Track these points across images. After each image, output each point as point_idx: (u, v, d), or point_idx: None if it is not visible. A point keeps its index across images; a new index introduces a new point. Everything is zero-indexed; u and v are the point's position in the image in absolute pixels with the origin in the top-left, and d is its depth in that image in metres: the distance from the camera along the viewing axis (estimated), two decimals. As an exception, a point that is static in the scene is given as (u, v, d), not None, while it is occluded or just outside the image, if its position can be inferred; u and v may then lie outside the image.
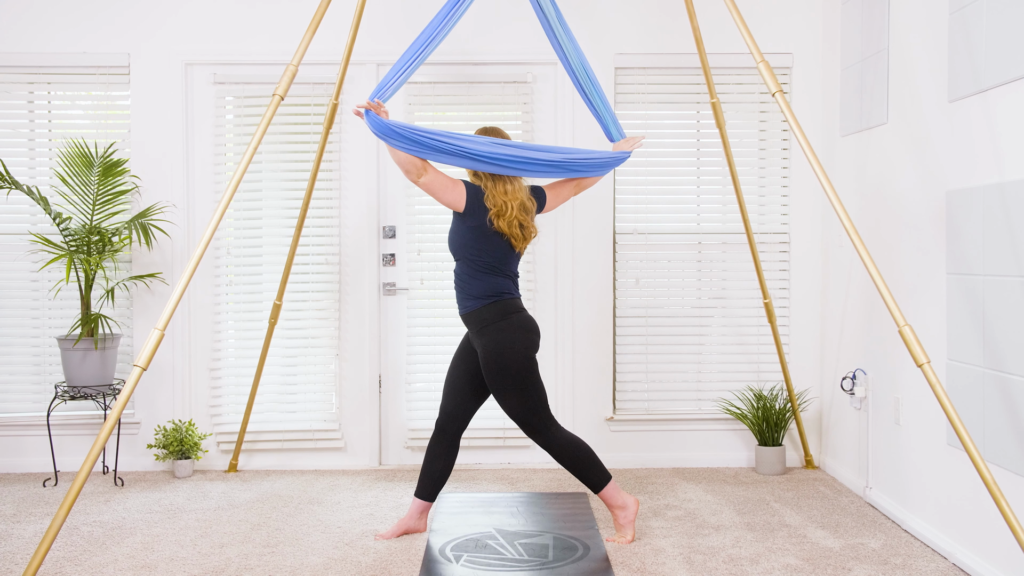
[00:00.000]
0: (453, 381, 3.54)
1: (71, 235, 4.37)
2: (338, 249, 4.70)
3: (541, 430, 3.40)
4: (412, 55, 3.40)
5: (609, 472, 3.48)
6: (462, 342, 3.57)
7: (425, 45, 3.42)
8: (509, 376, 3.33)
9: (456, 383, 3.53)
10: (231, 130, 4.70)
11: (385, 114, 3.30)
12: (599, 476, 3.44)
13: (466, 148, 3.28)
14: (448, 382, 3.55)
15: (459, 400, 3.51)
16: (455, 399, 3.51)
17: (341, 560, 3.30)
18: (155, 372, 4.61)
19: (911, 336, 2.92)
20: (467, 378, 3.51)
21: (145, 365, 3.04)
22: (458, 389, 3.52)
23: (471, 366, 3.50)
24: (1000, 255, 3.01)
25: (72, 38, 4.61)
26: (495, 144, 3.33)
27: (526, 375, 3.35)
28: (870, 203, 4.05)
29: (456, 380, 3.53)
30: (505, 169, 3.34)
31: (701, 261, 4.76)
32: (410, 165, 3.28)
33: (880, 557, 3.33)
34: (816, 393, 4.72)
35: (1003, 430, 2.99)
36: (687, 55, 4.61)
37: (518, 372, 3.33)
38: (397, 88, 3.41)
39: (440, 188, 3.33)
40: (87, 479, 3.15)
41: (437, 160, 3.31)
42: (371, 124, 3.25)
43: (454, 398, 3.52)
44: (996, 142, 3.05)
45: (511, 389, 3.35)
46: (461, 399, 3.51)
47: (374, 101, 3.28)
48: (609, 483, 3.45)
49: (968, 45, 3.21)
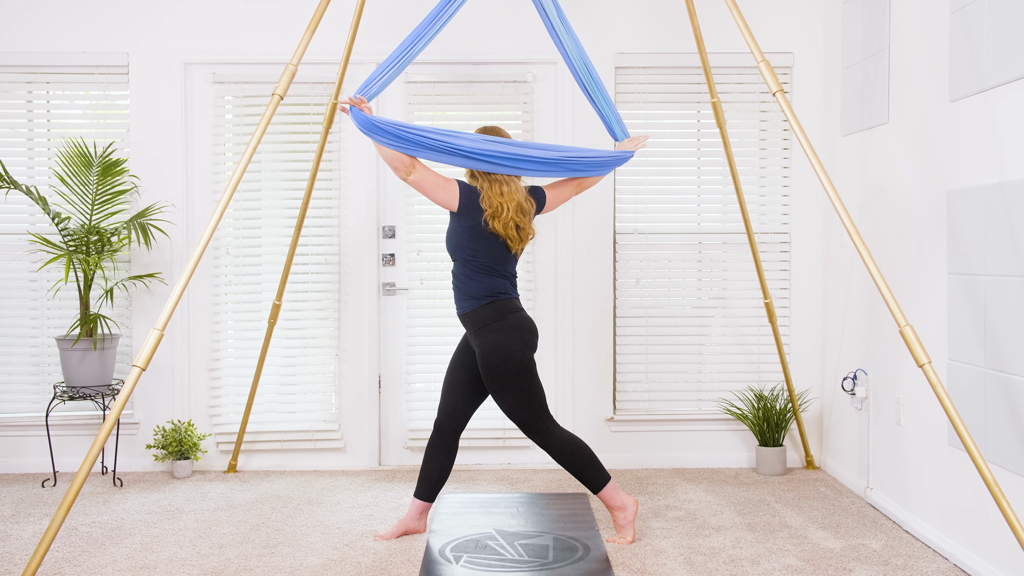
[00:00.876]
0: (452, 381, 3.53)
1: (70, 235, 4.36)
2: (338, 249, 4.69)
3: (540, 430, 3.39)
4: (399, 53, 3.40)
5: (608, 473, 3.47)
6: (461, 342, 3.56)
7: (413, 44, 3.41)
8: (507, 376, 3.32)
9: (455, 383, 3.52)
10: (230, 130, 4.69)
11: (368, 110, 3.27)
12: (598, 476, 3.43)
13: (455, 144, 3.25)
14: (447, 382, 3.54)
15: (458, 400, 3.50)
16: (454, 399, 3.50)
17: (340, 561, 3.29)
18: (154, 372, 4.60)
19: (912, 336, 2.91)
20: (466, 378, 3.50)
21: (144, 365, 3.03)
22: (457, 389, 3.51)
23: (470, 366, 3.49)
24: (1001, 255, 3.00)
25: (71, 37, 4.60)
26: (487, 141, 3.29)
27: (524, 375, 3.33)
28: (871, 203, 4.04)
29: (455, 380, 3.52)
30: (497, 167, 3.30)
31: (702, 261, 4.75)
32: (397, 162, 3.28)
33: (881, 558, 3.32)
34: (817, 393, 4.71)
35: (1004, 430, 2.98)
36: (687, 54, 4.60)
37: (516, 372, 3.32)
38: (384, 86, 3.40)
39: (431, 186, 3.31)
40: (86, 479, 3.13)
41: (426, 157, 3.28)
42: (356, 120, 3.26)
43: (453, 398, 3.51)
44: (997, 142, 3.04)
45: (509, 389, 3.34)
46: (460, 399, 3.50)
47: (357, 97, 3.27)
48: (608, 483, 3.44)
49: (969, 44, 3.20)
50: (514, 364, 3.31)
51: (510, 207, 3.33)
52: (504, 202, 3.33)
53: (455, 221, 3.39)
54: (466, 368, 3.50)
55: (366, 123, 3.23)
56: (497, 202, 3.33)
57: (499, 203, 3.33)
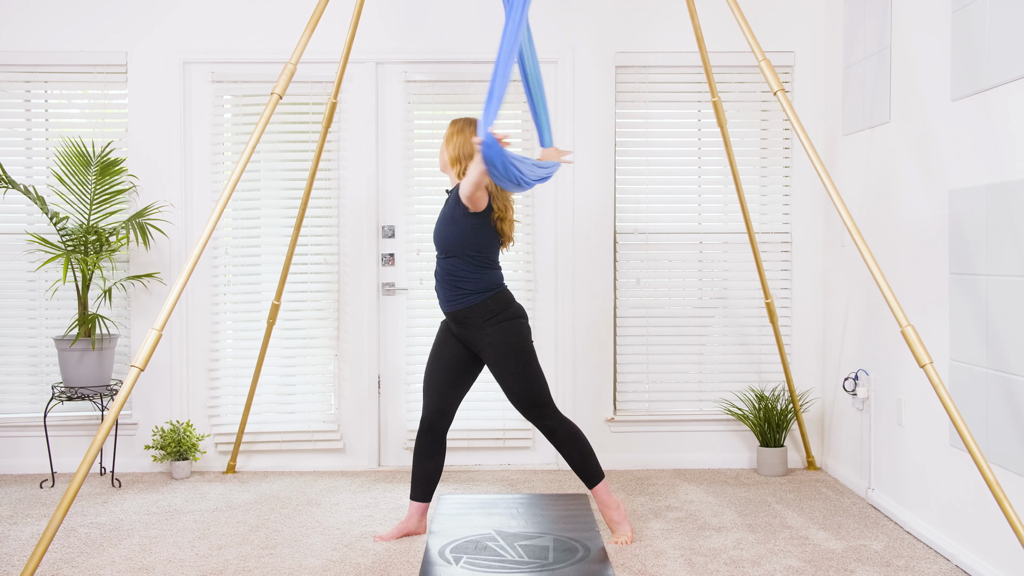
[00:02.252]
0: (438, 378, 3.53)
1: (68, 235, 4.35)
2: (337, 249, 4.68)
3: (549, 412, 3.46)
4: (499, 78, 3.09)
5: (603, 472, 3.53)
6: (438, 339, 3.57)
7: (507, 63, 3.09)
8: (525, 357, 3.42)
9: (438, 379, 3.53)
10: (229, 129, 4.68)
11: (507, 144, 3.00)
12: (596, 471, 3.49)
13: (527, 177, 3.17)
14: (433, 381, 3.54)
15: (444, 395, 3.52)
16: (441, 395, 3.52)
17: (340, 562, 3.28)
18: (153, 373, 4.59)
19: (914, 336, 2.90)
20: (449, 372, 3.52)
21: (143, 365, 3.01)
22: (446, 385, 3.52)
23: (454, 360, 3.51)
24: (1003, 255, 2.99)
25: (69, 36, 4.58)
26: (539, 167, 3.29)
27: (533, 356, 3.46)
28: (872, 202, 4.03)
29: (438, 376, 3.53)
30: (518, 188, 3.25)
31: (702, 261, 4.74)
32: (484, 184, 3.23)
33: (882, 559, 3.31)
34: (818, 394, 4.69)
35: (1006, 431, 2.97)
36: (688, 53, 4.59)
37: (531, 352, 3.45)
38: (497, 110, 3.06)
39: (481, 198, 3.33)
40: (84, 480, 3.13)
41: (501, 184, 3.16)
42: (490, 153, 2.94)
43: (439, 395, 3.52)
44: (999, 141, 3.03)
45: (527, 370, 3.42)
46: (450, 395, 3.53)
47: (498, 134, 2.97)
48: (602, 481, 3.50)
49: (971, 43, 3.19)
50: (527, 347, 3.44)
51: (512, 209, 3.50)
52: (509, 204, 3.49)
53: (467, 219, 3.38)
54: (448, 363, 3.52)
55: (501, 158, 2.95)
56: (503, 204, 3.45)
57: (504, 205, 3.46)
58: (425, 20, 4.62)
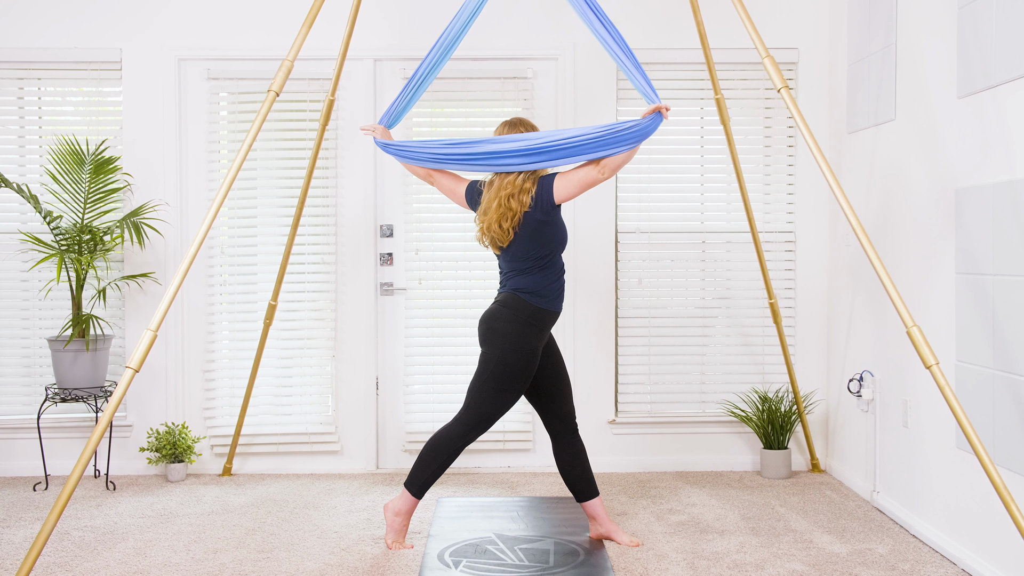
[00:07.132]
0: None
1: (62, 234, 4.30)
2: (334, 248, 4.63)
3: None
4: (416, 79, 3.57)
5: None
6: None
7: (429, 69, 3.57)
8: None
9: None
10: (225, 127, 4.63)
11: (388, 136, 3.61)
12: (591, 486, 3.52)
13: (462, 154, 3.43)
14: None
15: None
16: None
17: (337, 566, 3.24)
18: (148, 374, 4.55)
19: (919, 337, 2.86)
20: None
21: (137, 367, 2.98)
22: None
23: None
24: (1010, 254, 2.95)
25: (62, 32, 4.53)
26: (494, 142, 3.35)
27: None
28: (877, 201, 3.99)
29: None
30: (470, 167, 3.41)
31: (705, 261, 4.69)
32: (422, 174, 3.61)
33: (888, 563, 3.27)
34: (822, 395, 4.65)
35: (1013, 433, 2.94)
36: (691, 50, 4.54)
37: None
38: (403, 112, 3.65)
39: (452, 189, 3.58)
40: (78, 483, 3.09)
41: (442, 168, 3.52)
42: (378, 144, 3.63)
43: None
44: (1006, 139, 3.00)
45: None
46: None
47: (379, 124, 3.63)
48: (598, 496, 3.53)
49: (977, 40, 3.15)
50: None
51: (493, 212, 3.40)
52: (488, 206, 3.45)
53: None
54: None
55: (385, 148, 3.58)
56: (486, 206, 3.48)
57: (484, 208, 3.49)
58: (423, 17, 4.57)
